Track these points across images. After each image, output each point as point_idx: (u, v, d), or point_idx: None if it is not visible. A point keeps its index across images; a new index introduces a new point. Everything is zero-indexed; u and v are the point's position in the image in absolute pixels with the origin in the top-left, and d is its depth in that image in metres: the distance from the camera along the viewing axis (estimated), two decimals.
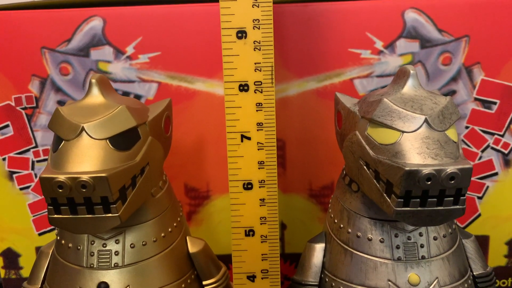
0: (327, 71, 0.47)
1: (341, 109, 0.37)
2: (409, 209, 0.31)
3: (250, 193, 0.39)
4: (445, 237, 0.35)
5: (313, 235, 0.40)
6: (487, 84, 0.47)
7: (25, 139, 0.49)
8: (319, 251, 0.38)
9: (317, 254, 0.38)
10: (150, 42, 0.46)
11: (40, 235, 0.51)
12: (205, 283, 0.39)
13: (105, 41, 0.46)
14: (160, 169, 0.37)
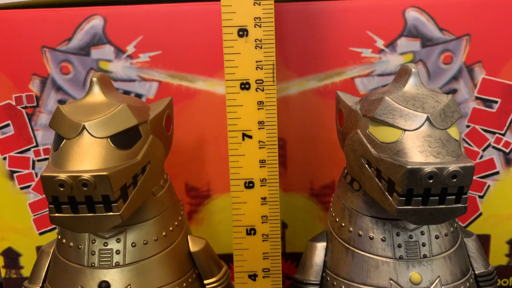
0: (327, 70, 0.47)
1: (343, 107, 0.37)
2: (411, 207, 0.31)
3: (251, 192, 0.39)
4: (447, 236, 0.35)
5: (314, 234, 0.40)
6: (488, 83, 0.47)
7: (26, 138, 0.48)
8: (320, 250, 0.38)
9: (319, 253, 0.38)
10: (150, 41, 0.46)
11: (40, 234, 0.51)
12: (206, 282, 0.39)
13: (106, 40, 0.46)
14: (161, 168, 0.37)
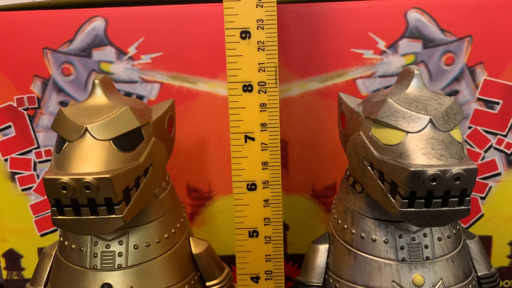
0: (329, 71, 0.47)
1: (345, 109, 0.37)
2: (413, 209, 0.31)
3: (254, 194, 0.39)
4: (450, 238, 0.35)
5: (316, 235, 0.40)
6: (490, 84, 0.47)
7: (27, 140, 0.48)
8: (322, 252, 0.38)
9: (321, 255, 0.38)
10: (152, 42, 0.46)
11: (42, 236, 0.51)
12: (208, 284, 0.39)
13: (107, 41, 0.46)
14: (163, 170, 0.37)
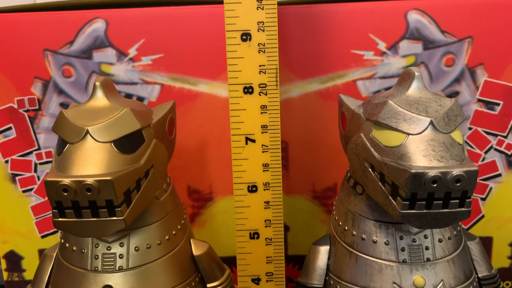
0: (329, 72, 0.47)
1: (345, 111, 0.37)
2: (414, 211, 0.31)
3: (254, 196, 0.39)
4: (450, 239, 0.35)
5: (316, 237, 0.40)
6: (490, 85, 0.47)
7: (28, 141, 0.48)
8: (323, 253, 0.38)
9: (322, 256, 0.38)
10: (152, 44, 0.46)
11: (42, 237, 0.51)
12: (209, 286, 0.39)
13: (108, 43, 0.46)
14: (164, 172, 0.37)
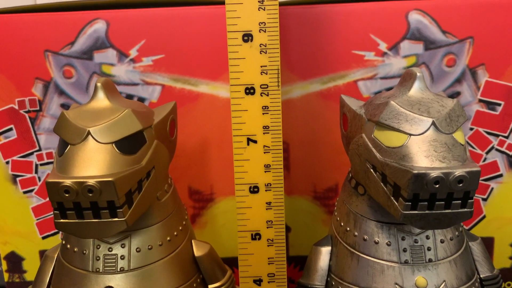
0: (331, 73, 0.47)
1: (347, 111, 0.37)
2: (416, 212, 0.31)
3: (256, 197, 0.39)
4: (452, 240, 0.35)
5: (318, 237, 0.40)
6: (492, 85, 0.47)
7: (29, 142, 0.48)
8: (325, 254, 0.38)
9: (323, 257, 0.38)
10: (153, 44, 0.46)
11: (43, 238, 0.51)
12: (210, 287, 0.39)
13: (109, 44, 0.46)
14: (165, 173, 0.37)
